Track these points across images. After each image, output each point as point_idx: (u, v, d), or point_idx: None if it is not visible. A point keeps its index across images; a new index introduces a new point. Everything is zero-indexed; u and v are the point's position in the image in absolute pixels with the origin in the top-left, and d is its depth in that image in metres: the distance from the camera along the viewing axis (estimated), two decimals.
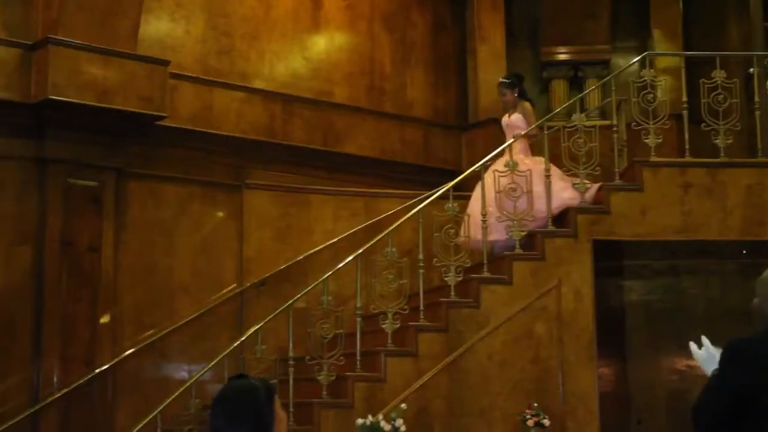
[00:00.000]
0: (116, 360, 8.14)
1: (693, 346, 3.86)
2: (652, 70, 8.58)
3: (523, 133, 8.57)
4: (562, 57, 11.35)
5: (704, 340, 3.84)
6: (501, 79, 9.09)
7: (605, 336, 8.18)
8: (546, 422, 7.22)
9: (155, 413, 6.79)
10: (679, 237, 8.22)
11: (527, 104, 8.88)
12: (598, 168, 8.19)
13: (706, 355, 3.78)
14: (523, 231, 7.94)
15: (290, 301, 7.35)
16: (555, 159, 8.26)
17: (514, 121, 8.81)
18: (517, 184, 7.96)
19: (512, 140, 8.42)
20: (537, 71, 11.50)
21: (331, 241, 9.28)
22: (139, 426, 6.71)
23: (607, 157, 8.46)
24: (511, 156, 8.11)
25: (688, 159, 8.37)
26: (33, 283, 7.86)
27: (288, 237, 9.28)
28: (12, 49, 7.88)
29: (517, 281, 7.86)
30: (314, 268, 8.89)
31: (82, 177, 8.06)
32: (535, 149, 8.70)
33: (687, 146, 8.37)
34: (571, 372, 7.83)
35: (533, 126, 8.55)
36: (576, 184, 8.11)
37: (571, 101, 9.27)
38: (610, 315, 8.61)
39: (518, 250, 7.90)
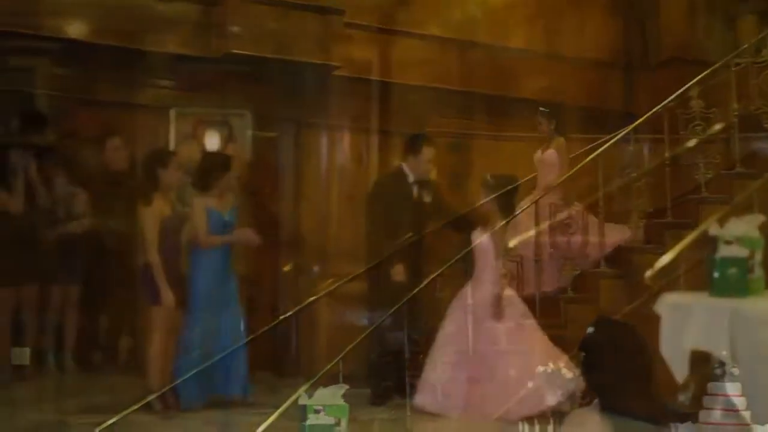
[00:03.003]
0: (300, 307, 8.32)
1: None
2: None
3: (555, 172, 8.12)
4: None
5: None
6: (540, 108, 8.42)
7: None
8: (735, 371, 6.96)
9: (337, 359, 6.91)
10: None
11: (562, 140, 8.26)
12: None
13: None
14: None
15: (467, 249, 7.31)
16: (743, 98, 7.90)
17: (548, 157, 8.24)
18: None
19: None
20: (723, 5, 10.99)
21: (507, 188, 9.17)
22: (322, 371, 6.84)
23: None
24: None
25: None
26: None
27: (466, 184, 9.24)
28: (193, 5, 8.10)
29: None
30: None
31: (263, 128, 8.25)
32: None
33: None
34: None
35: (561, 178, 7.93)
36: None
37: (762, 35, 8.80)
38: None
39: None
